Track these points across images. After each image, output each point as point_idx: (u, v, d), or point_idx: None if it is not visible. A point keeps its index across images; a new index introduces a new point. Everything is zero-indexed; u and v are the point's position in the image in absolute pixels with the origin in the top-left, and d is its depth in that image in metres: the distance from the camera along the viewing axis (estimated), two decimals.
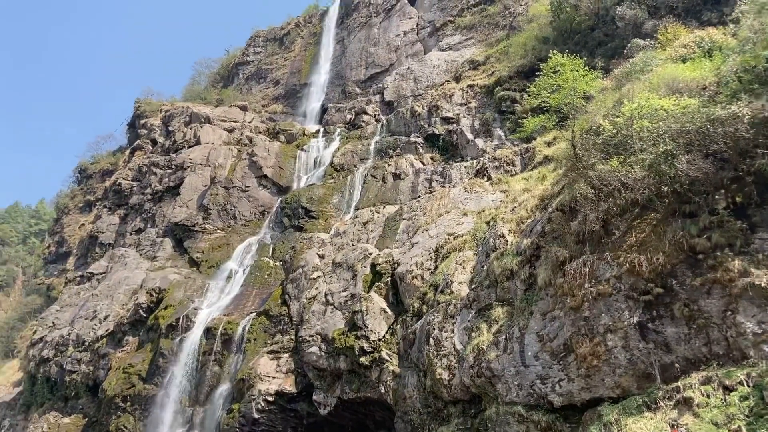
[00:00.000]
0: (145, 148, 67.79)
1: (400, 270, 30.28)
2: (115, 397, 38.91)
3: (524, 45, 44.11)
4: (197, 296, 42.10)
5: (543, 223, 21.43)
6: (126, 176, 63.82)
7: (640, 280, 16.56)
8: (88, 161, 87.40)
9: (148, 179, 59.36)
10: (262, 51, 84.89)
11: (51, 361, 48.76)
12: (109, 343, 44.93)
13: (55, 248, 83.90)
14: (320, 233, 40.86)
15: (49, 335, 50.93)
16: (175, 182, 56.14)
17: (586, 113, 22.68)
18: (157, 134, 68.56)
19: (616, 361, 16.43)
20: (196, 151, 58.10)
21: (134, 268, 50.65)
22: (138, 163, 63.84)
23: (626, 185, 17.82)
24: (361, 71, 66.77)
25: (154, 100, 78.89)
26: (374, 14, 70.78)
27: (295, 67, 77.08)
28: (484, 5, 59.29)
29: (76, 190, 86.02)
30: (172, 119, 67.93)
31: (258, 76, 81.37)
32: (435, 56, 56.72)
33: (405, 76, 56.35)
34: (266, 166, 53.45)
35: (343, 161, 49.36)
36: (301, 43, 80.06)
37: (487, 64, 48.97)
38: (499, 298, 22.11)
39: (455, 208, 33.00)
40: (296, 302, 34.86)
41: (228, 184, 52.95)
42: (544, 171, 29.07)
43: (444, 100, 46.16)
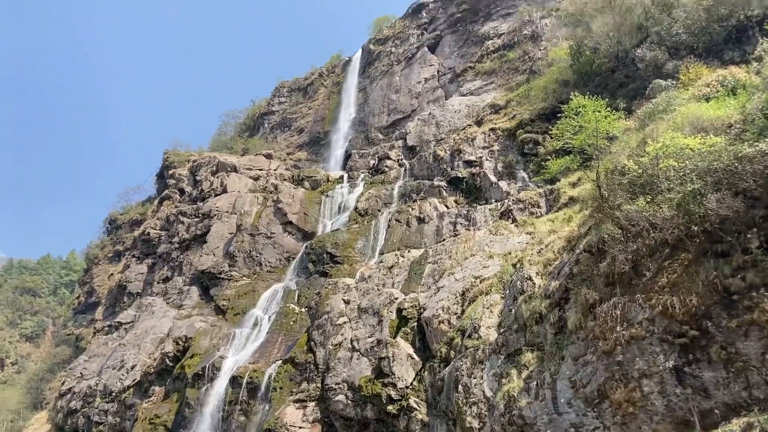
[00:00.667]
0: (173, 198, 69.11)
1: (427, 314, 29.94)
2: None
3: (545, 88, 44.44)
4: (223, 344, 42.01)
5: (571, 265, 21.10)
6: (154, 226, 64.93)
7: (673, 323, 16.09)
8: (118, 212, 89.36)
9: (175, 228, 60.27)
10: (286, 101, 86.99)
11: (79, 413, 48.77)
12: (135, 394, 44.85)
13: (85, 298, 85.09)
14: (345, 278, 40.77)
15: (77, 386, 51.10)
16: (202, 230, 56.90)
17: (610, 154, 22.57)
18: (184, 184, 69.95)
19: (653, 407, 15.84)
20: (223, 200, 59.02)
21: (161, 317, 50.95)
22: (166, 212, 64.99)
23: (655, 225, 17.53)
24: (384, 117, 67.83)
25: (182, 151, 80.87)
26: (395, 62, 72.33)
27: (318, 115, 78.69)
28: (503, 51, 60.24)
29: (106, 241, 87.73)
30: (200, 169, 69.36)
31: (283, 125, 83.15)
32: (456, 101, 57.42)
33: (427, 122, 57.01)
34: (291, 212, 53.96)
35: (367, 206, 49.62)
36: (325, 92, 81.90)
37: (508, 108, 49.38)
38: (528, 343, 21.64)
39: (481, 251, 32.75)
40: (322, 349, 34.57)
41: (254, 231, 53.46)
42: (569, 212, 28.82)
43: (466, 144, 46.45)
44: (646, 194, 18.25)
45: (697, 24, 34.54)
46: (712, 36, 33.77)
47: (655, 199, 17.97)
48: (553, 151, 33.23)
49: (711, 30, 33.79)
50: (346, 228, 48.58)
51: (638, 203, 17.86)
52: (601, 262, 18.94)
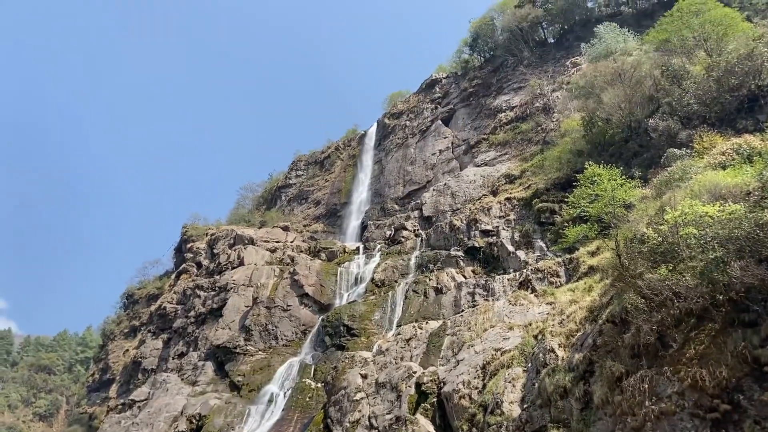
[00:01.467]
0: (191, 271, 69.42)
1: (447, 389, 29.06)
2: None
3: (559, 158, 44.87)
4: (237, 422, 40.99)
5: (594, 336, 20.55)
6: (171, 300, 64.94)
7: (704, 396, 15.41)
8: (136, 286, 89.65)
9: (192, 302, 60.20)
10: (303, 174, 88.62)
11: None
12: None
13: (99, 375, 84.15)
14: (362, 351, 40.01)
15: None
16: (218, 304, 56.74)
17: (628, 222, 22.44)
18: (202, 257, 70.41)
19: None
20: (239, 272, 59.13)
21: (175, 394, 50.06)
22: (183, 286, 65.14)
23: (679, 294, 17.12)
24: (399, 189, 68.61)
25: (200, 225, 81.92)
26: (410, 135, 73.88)
27: (335, 187, 79.86)
28: (516, 123, 61.37)
29: (123, 316, 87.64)
30: (217, 242, 69.98)
31: (300, 198, 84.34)
32: (471, 172, 58.06)
33: (442, 192, 57.49)
34: (307, 284, 53.81)
35: (384, 277, 49.37)
36: (341, 165, 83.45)
37: (523, 178, 49.77)
38: (553, 419, 20.79)
39: (500, 322, 32.12)
40: (339, 427, 33.48)
41: (270, 304, 53.20)
42: (590, 281, 28.36)
43: (482, 214, 46.55)
44: (668, 262, 17.94)
45: (708, 94, 35.02)
46: (724, 105, 34.13)
47: (677, 267, 17.64)
48: (569, 220, 33.18)
49: (722, 100, 34.20)
50: (363, 299, 48.19)
51: (660, 272, 17.53)
52: (626, 333, 18.42)
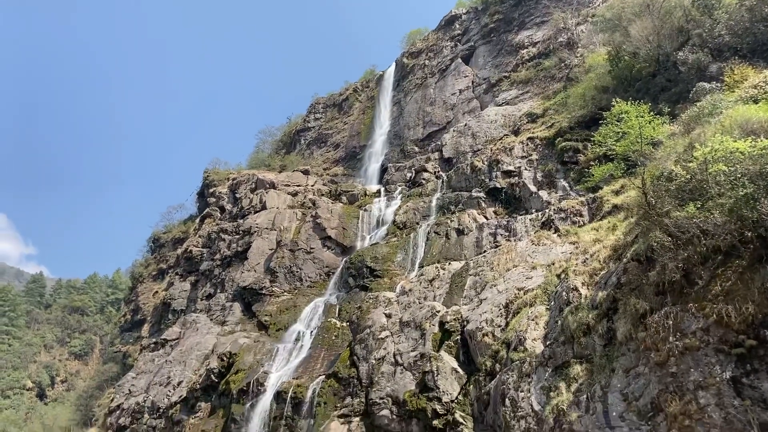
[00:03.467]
0: (214, 216, 70.39)
1: (470, 327, 29.65)
2: None
3: (583, 95, 43.84)
4: (266, 360, 42.37)
5: (618, 275, 20.65)
6: (196, 243, 66.17)
7: (729, 332, 15.58)
8: (161, 231, 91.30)
9: (217, 245, 61.31)
10: (322, 117, 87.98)
11: (127, 429, 49.70)
12: (182, 410, 45.52)
13: (131, 316, 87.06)
14: (386, 292, 40.74)
15: (126, 402, 52.15)
16: (242, 247, 57.73)
17: (655, 159, 22.10)
18: (224, 201, 71.21)
19: (710, 420, 15.30)
20: (262, 216, 59.83)
21: (205, 334, 51.73)
22: (207, 230, 66.20)
23: (706, 232, 17.05)
24: (419, 130, 67.94)
25: (221, 170, 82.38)
26: (429, 75, 72.51)
27: (354, 130, 79.33)
28: (538, 59, 59.79)
29: (150, 259, 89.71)
30: (239, 186, 70.55)
31: (319, 141, 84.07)
32: (492, 111, 57.14)
33: (463, 133, 56.84)
34: (330, 227, 54.35)
35: (405, 219, 49.61)
36: (359, 107, 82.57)
37: (545, 117, 48.89)
38: (576, 355, 21.21)
39: (523, 262, 32.33)
40: (365, 363, 34.52)
41: (293, 247, 53.99)
42: (614, 221, 28.23)
43: (504, 154, 46.11)
44: (696, 200, 17.78)
45: (741, 25, 33.67)
46: (757, 36, 32.85)
47: (705, 205, 17.49)
48: (594, 159, 32.74)
49: (755, 30, 32.88)
50: (385, 242, 48.63)
51: (688, 209, 17.40)
52: (651, 271, 18.49)
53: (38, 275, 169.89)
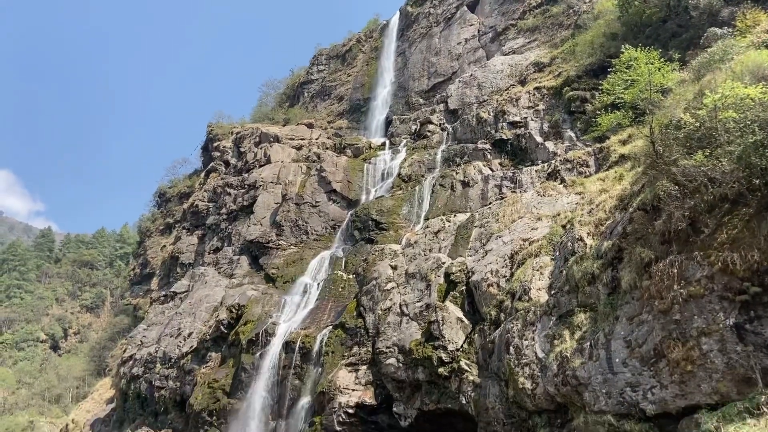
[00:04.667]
0: (219, 170, 70.37)
1: (475, 278, 29.90)
2: (202, 412, 40.26)
3: (591, 43, 42.91)
4: (275, 311, 43.07)
5: (624, 224, 20.64)
6: (202, 198, 66.39)
7: (734, 280, 15.65)
8: (167, 185, 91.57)
9: (222, 200, 61.50)
10: (325, 68, 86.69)
11: (141, 378, 51.05)
12: (193, 360, 46.61)
13: (140, 270, 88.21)
14: (392, 244, 40.99)
15: (138, 353, 53.37)
16: (248, 201, 57.90)
17: (664, 108, 21.77)
18: (229, 156, 71.05)
19: (712, 365, 15.55)
20: (267, 170, 59.76)
21: (214, 286, 52.46)
22: (213, 184, 66.31)
23: (713, 180, 16.92)
24: (424, 81, 66.96)
25: (225, 123, 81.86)
26: (434, 24, 70.95)
27: (358, 82, 78.23)
28: (546, 6, 58.30)
29: (157, 214, 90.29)
30: (243, 140, 70.24)
31: (322, 94, 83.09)
32: (498, 61, 56.13)
33: (468, 83, 55.99)
34: (335, 180, 54.31)
35: (411, 172, 49.46)
36: (363, 58, 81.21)
37: (552, 66, 48.03)
38: (580, 304, 21.42)
39: (528, 213, 32.32)
40: (371, 314, 35.04)
41: (299, 201, 54.10)
42: (620, 170, 28.03)
43: (510, 105, 45.53)
44: (704, 148, 17.58)
45: None
46: None
47: (713, 152, 17.30)
48: (601, 108, 32.28)
49: None
50: (390, 194, 48.63)
51: (696, 158, 17.23)
52: (657, 220, 18.44)
53: (47, 230, 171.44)
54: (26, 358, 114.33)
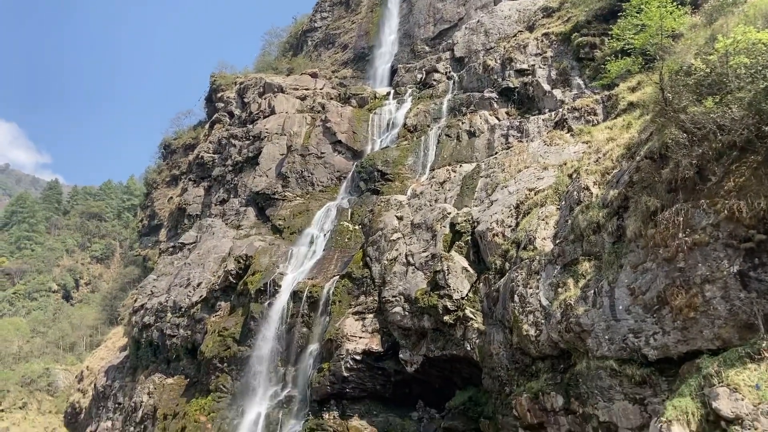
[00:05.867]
0: (223, 121, 69.93)
1: (480, 228, 30.04)
2: (213, 359, 41.29)
3: None
4: (282, 262, 43.55)
5: (630, 173, 20.55)
6: (207, 149, 66.25)
7: (739, 227, 15.68)
8: (171, 137, 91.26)
9: (228, 151, 61.36)
10: (328, 16, 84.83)
11: (152, 327, 52.18)
12: (203, 309, 47.51)
13: (147, 221, 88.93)
14: (397, 195, 41.02)
15: (149, 303, 54.38)
16: (253, 152, 57.74)
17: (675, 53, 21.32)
18: (233, 106, 70.45)
19: (715, 312, 15.75)
20: (272, 121, 59.35)
21: (221, 237, 52.94)
22: (217, 136, 66.04)
23: (722, 127, 16.73)
24: (429, 28, 65.57)
25: (228, 74, 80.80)
26: None
27: (362, 29, 76.62)
28: None
29: (163, 165, 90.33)
30: (247, 91, 69.49)
31: (326, 42, 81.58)
32: (506, 6, 54.68)
33: (475, 30, 54.75)
34: (340, 131, 53.92)
35: (416, 122, 49.00)
36: (368, 4, 79.25)
37: (562, 10, 46.73)
38: (585, 253, 21.56)
39: (535, 163, 32.16)
40: (377, 264, 35.40)
41: (304, 152, 53.90)
42: (628, 118, 27.68)
43: (517, 52, 44.64)
44: (714, 95, 17.32)
45: None
46: None
47: (723, 99, 17.05)
48: (611, 54, 31.58)
49: None
50: (396, 145, 48.34)
51: (705, 104, 16.99)
52: (664, 168, 18.35)
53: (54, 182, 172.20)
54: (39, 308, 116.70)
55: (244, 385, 38.51)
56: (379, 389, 32.30)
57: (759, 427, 12.99)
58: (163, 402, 45.84)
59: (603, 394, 18.57)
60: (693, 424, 14.12)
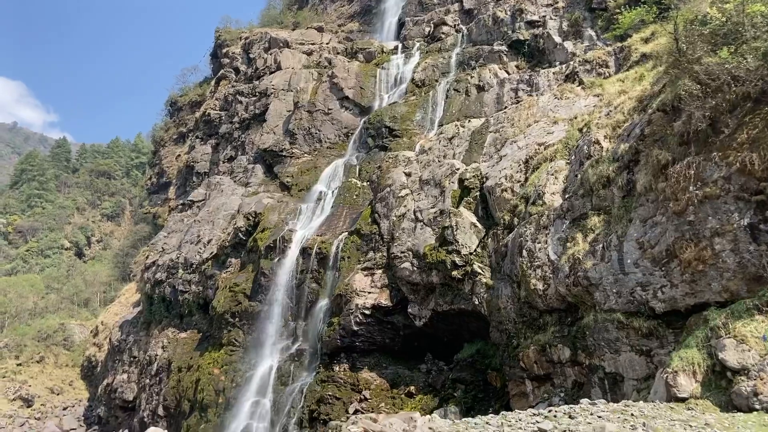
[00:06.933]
0: (229, 77, 69.20)
1: (489, 184, 29.96)
2: (225, 314, 41.99)
3: None
4: (291, 218, 43.76)
5: (642, 126, 20.31)
6: (214, 106, 65.83)
7: (751, 180, 15.56)
8: (178, 94, 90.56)
9: (234, 108, 60.94)
10: None
11: (164, 283, 52.95)
12: (214, 265, 48.07)
13: (156, 179, 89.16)
14: (405, 151, 40.84)
15: (160, 259, 55.04)
16: (260, 109, 57.33)
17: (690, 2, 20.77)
18: (239, 62, 69.60)
19: (723, 264, 15.79)
20: (278, 77, 58.70)
21: (230, 195, 53.12)
22: (224, 92, 65.49)
23: (737, 78, 16.42)
24: None
25: (233, 28, 79.50)
26: None
27: None
28: None
29: (170, 123, 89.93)
30: (252, 46, 68.52)
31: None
32: None
33: None
34: (347, 87, 53.29)
35: (424, 77, 48.33)
36: None
37: None
38: (594, 207, 21.52)
39: (545, 117, 31.80)
40: (386, 220, 35.52)
41: (311, 108, 53.44)
42: (641, 70, 27.16)
43: (528, 2, 43.56)
44: (729, 45, 16.95)
45: None
46: None
47: (738, 49, 16.69)
48: (624, 4, 30.82)
49: None
50: (404, 100, 47.82)
51: (720, 55, 16.64)
52: (676, 120, 18.12)
53: (62, 140, 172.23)
54: (53, 265, 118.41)
55: (255, 339, 39.25)
56: (388, 343, 32.87)
57: (765, 377, 13.16)
58: (177, 355, 46.90)
59: (609, 346, 18.82)
60: (699, 375, 14.33)
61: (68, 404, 67.58)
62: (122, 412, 55.57)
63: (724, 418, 12.31)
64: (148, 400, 49.07)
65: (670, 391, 14.36)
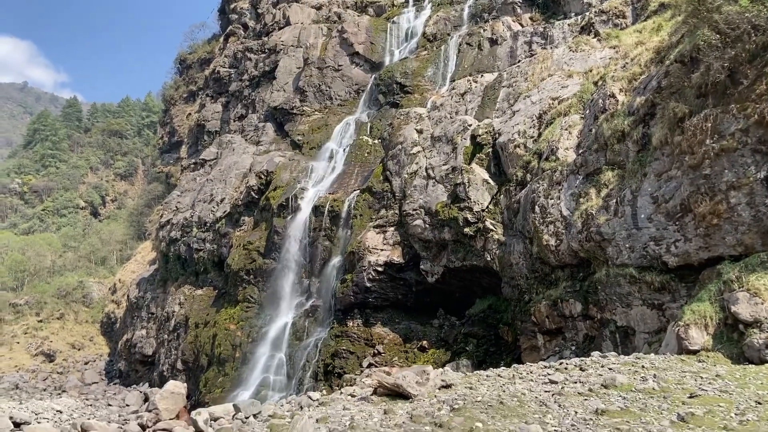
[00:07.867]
0: (238, 34, 68.31)
1: (502, 140, 29.66)
2: (239, 271, 42.55)
3: None
4: (302, 177, 43.79)
5: (659, 78, 19.88)
6: (223, 64, 65.21)
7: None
8: (186, 52, 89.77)
9: (244, 65, 60.37)
10: None
11: (179, 241, 53.58)
12: (227, 223, 48.48)
13: (168, 138, 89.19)
14: (417, 108, 40.39)
15: (174, 218, 55.58)
16: (269, 66, 56.75)
17: None
18: (247, 18, 68.57)
19: (738, 218, 15.66)
20: (287, 33, 57.86)
21: (241, 153, 53.13)
22: (233, 49, 64.76)
23: (757, 27, 15.94)
24: None
25: None
26: None
27: None
28: None
29: (179, 81, 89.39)
30: (260, 1, 67.35)
31: None
32: None
33: None
34: (357, 42, 52.46)
35: (436, 30, 47.43)
36: None
37: None
38: (608, 162, 21.29)
39: (559, 71, 31.18)
40: (398, 178, 35.43)
41: (321, 65, 52.80)
42: (659, 20, 26.39)
43: None
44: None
45: None
46: None
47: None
48: None
49: None
50: (415, 56, 47.09)
51: (741, 3, 16.13)
52: (694, 72, 17.71)
53: (73, 100, 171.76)
54: (69, 224, 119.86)
55: (270, 295, 39.85)
56: (400, 299, 33.26)
57: None
58: (194, 312, 47.82)
59: (621, 300, 18.91)
60: (711, 328, 14.39)
61: (89, 359, 69.46)
62: (142, 366, 57.09)
63: (735, 369, 12.41)
64: (166, 354, 50.31)
65: (682, 343, 14.46)
